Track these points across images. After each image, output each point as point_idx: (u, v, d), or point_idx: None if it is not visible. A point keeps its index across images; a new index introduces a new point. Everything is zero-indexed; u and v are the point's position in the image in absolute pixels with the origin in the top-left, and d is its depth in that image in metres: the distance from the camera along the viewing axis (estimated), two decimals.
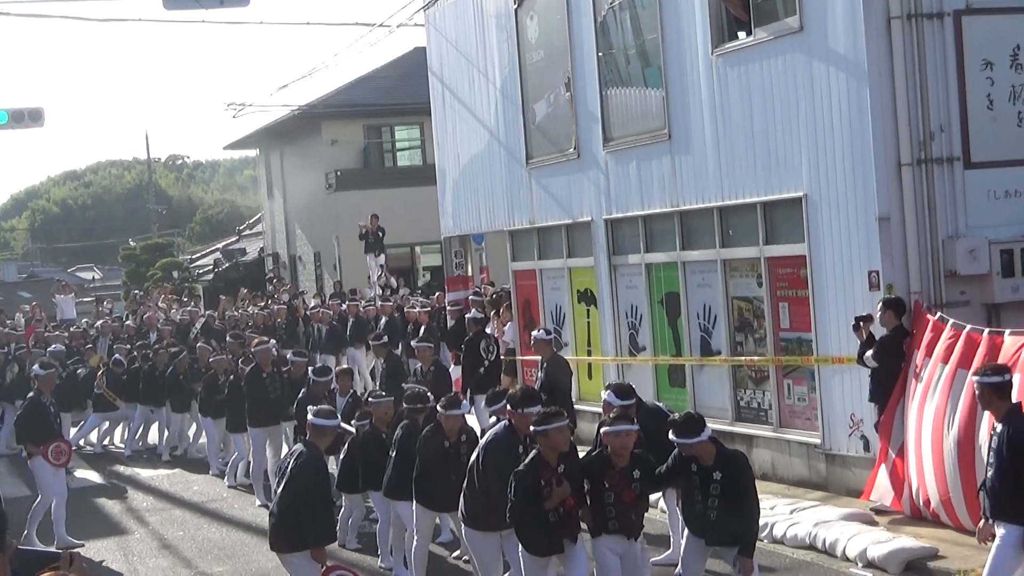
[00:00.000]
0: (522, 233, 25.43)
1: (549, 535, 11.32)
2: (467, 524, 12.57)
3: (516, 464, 11.78)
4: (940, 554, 13.86)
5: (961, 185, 16.47)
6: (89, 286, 74.88)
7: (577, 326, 23.78)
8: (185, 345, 29.90)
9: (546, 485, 11.19)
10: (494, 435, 12.29)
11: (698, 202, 19.67)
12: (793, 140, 17.54)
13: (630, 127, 21.31)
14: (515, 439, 12.12)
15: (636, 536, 11.70)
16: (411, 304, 30.82)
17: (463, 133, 27.33)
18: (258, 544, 17.35)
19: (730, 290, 19.40)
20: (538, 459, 11.28)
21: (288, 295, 39.69)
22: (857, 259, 16.67)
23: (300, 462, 12.21)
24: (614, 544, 11.57)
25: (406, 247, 45.66)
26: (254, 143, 55.87)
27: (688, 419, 11.49)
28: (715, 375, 19.98)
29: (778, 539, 15.50)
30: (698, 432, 11.26)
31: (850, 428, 16.93)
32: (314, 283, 48.63)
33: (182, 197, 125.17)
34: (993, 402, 11.02)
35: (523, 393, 12.39)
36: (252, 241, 62.55)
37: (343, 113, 46.79)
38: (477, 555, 12.72)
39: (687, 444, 11.27)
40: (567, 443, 11.38)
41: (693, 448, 11.28)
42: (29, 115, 30.29)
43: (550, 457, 11.26)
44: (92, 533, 19.19)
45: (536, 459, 11.30)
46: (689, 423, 11.38)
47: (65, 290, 45.11)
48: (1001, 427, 10.83)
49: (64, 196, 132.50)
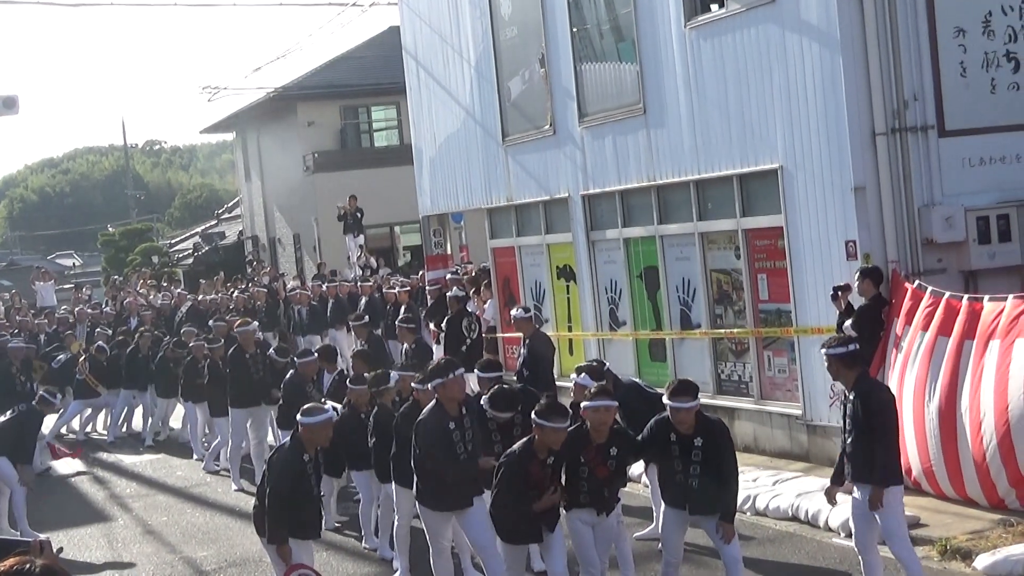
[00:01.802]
0: (500, 211, 25.41)
1: (529, 524, 11.31)
2: (417, 499, 12.59)
3: (449, 443, 11.86)
4: (921, 522, 13.90)
5: (936, 153, 16.49)
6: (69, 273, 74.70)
7: (557, 302, 23.78)
8: (169, 330, 29.86)
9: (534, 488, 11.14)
10: (422, 416, 12.32)
11: (674, 176, 19.66)
12: (768, 112, 17.54)
13: (605, 102, 21.28)
14: (444, 416, 12.16)
15: (608, 511, 11.73)
16: (391, 284, 30.79)
17: (439, 112, 27.27)
18: (242, 528, 17.35)
19: (708, 263, 19.41)
20: (529, 451, 11.17)
21: (268, 278, 39.64)
22: (834, 229, 16.69)
23: (273, 459, 12.29)
24: (586, 516, 11.60)
25: (385, 227, 45.63)
26: (230, 127, 55.72)
27: (686, 384, 11.52)
28: (695, 348, 20.00)
29: (761, 511, 15.53)
30: (694, 395, 11.32)
31: (831, 399, 16.95)
32: (294, 265, 48.57)
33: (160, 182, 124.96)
34: (842, 372, 11.39)
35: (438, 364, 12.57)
36: (231, 224, 62.45)
37: (319, 95, 46.69)
38: (428, 528, 12.68)
39: (682, 408, 11.27)
40: (559, 444, 11.31)
41: (686, 412, 11.30)
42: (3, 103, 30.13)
43: (541, 450, 11.16)
44: (76, 521, 19.16)
45: (527, 450, 11.19)
46: (687, 386, 11.43)
47: (45, 277, 44.98)
48: (853, 394, 11.22)
49: (42, 184, 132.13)
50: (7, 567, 3.79)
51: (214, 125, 56.04)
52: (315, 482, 12.31)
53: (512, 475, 11.15)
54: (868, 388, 11.33)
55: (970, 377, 14.38)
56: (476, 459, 12.26)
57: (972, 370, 14.37)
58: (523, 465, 11.13)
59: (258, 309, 32.68)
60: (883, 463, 11.01)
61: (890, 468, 11.11)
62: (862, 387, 11.27)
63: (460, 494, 12.25)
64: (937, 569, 12.67)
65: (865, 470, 11.09)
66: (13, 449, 18.05)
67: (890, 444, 11.17)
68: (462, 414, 12.33)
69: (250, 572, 15.36)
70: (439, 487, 12.20)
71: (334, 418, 12.84)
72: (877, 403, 11.14)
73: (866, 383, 11.44)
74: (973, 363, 14.38)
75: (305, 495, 12.17)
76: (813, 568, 13.44)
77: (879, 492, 10.97)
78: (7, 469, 17.92)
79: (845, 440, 11.40)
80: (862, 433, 11.09)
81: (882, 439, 11.05)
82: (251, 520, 13.36)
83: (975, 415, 14.22)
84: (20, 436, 18.20)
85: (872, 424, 11.04)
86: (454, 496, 12.28)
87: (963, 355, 14.54)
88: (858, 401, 11.13)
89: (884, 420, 11.14)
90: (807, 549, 14.08)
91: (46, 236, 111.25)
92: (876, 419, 11.06)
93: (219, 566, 15.95)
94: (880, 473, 10.99)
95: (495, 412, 12.90)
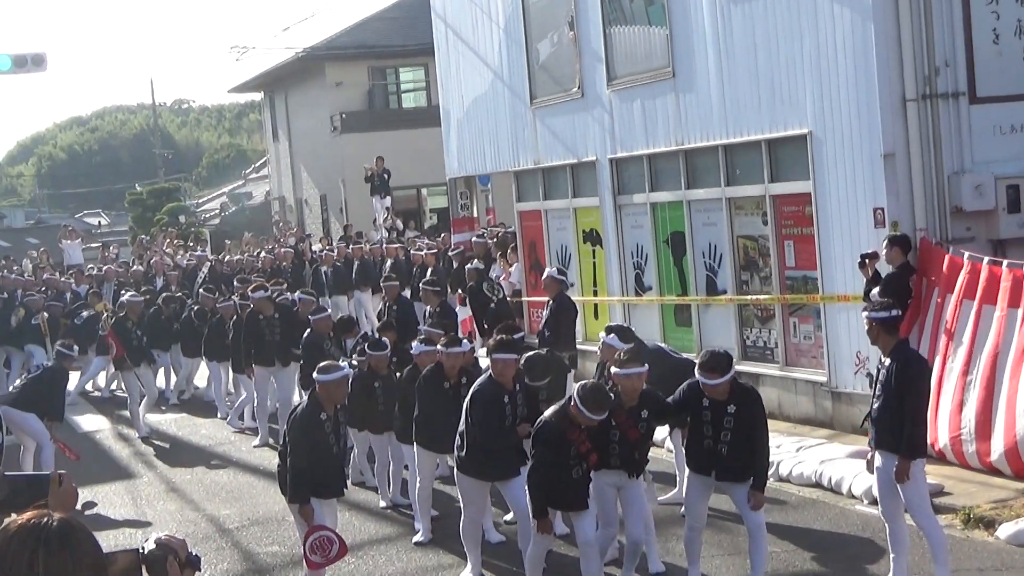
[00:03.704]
0: (527, 173, 25.34)
1: (571, 490, 11.27)
2: (459, 469, 12.59)
3: (501, 417, 11.90)
4: (945, 491, 13.86)
5: (967, 120, 16.37)
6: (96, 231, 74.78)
7: (583, 266, 23.73)
8: (190, 292, 29.89)
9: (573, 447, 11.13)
10: (479, 386, 12.32)
11: (703, 140, 19.57)
12: (797, 77, 17.43)
13: (634, 65, 21.18)
14: (499, 390, 12.17)
15: (637, 474, 11.71)
16: (417, 246, 30.76)
17: (467, 74, 27.19)
18: (265, 487, 17.41)
19: (735, 229, 19.33)
20: (565, 417, 11.12)
21: (294, 239, 39.62)
22: (862, 196, 16.60)
23: (292, 417, 12.35)
24: (614, 478, 11.62)
25: (412, 189, 45.56)
26: (259, 86, 55.67)
27: (719, 358, 11.38)
28: (721, 314, 19.95)
29: (784, 477, 15.52)
30: (723, 371, 11.22)
31: (856, 366, 16.91)
32: (320, 226, 48.57)
33: (188, 142, 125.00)
34: (881, 336, 11.29)
35: (498, 341, 12.51)
36: (258, 185, 62.49)
37: (347, 55, 46.60)
38: (464, 494, 12.72)
39: (709, 384, 11.22)
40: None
41: (713, 388, 11.25)
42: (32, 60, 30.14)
43: (579, 423, 11.11)
44: (100, 477, 19.23)
45: (563, 416, 11.15)
46: (720, 361, 11.30)
47: (72, 236, 45.03)
48: (889, 361, 11.13)
49: (70, 142, 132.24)
50: (23, 521, 3.77)
51: (242, 85, 55.99)
52: (335, 440, 12.33)
53: (549, 441, 11.14)
54: (907, 357, 11.26)
55: (1015, 346, 14.26)
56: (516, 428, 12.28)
57: (1018, 339, 14.25)
58: (562, 431, 11.12)
59: (284, 270, 32.68)
60: (910, 435, 10.95)
61: (917, 440, 11.07)
62: (900, 355, 11.19)
63: (505, 464, 12.31)
64: (960, 538, 12.65)
65: (891, 439, 11.03)
66: (47, 406, 18.16)
67: (919, 416, 11.12)
68: (515, 389, 12.36)
69: (273, 531, 15.40)
70: (486, 458, 12.22)
71: (350, 375, 12.88)
72: (913, 373, 11.07)
73: (905, 351, 11.38)
74: (1020, 333, 14.26)
75: (324, 453, 12.22)
76: (836, 534, 13.43)
77: (906, 464, 10.91)
78: (37, 425, 18.00)
79: (872, 405, 11.35)
80: (892, 400, 11.03)
81: (912, 410, 10.99)
82: (275, 479, 13.42)
83: (1014, 384, 14.10)
84: (51, 393, 18.31)
85: (904, 393, 10.97)
86: (499, 467, 12.34)
87: (1008, 324, 14.42)
88: (894, 367, 11.05)
89: (917, 391, 11.08)
90: (830, 516, 14.07)
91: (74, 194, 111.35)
92: (909, 389, 10.99)
93: (242, 524, 16.00)
94: (907, 445, 10.93)
95: (533, 381, 12.83)
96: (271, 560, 14.30)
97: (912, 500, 11.09)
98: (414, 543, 14.35)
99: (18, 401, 18.13)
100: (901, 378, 11.00)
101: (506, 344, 12.45)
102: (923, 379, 11.32)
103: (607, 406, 11.07)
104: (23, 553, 3.68)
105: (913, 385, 11.04)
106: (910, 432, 10.95)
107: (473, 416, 12.21)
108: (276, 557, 14.33)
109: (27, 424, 18.01)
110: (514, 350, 12.46)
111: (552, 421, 11.20)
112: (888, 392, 11.07)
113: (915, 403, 11.04)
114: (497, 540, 13.85)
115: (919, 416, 11.13)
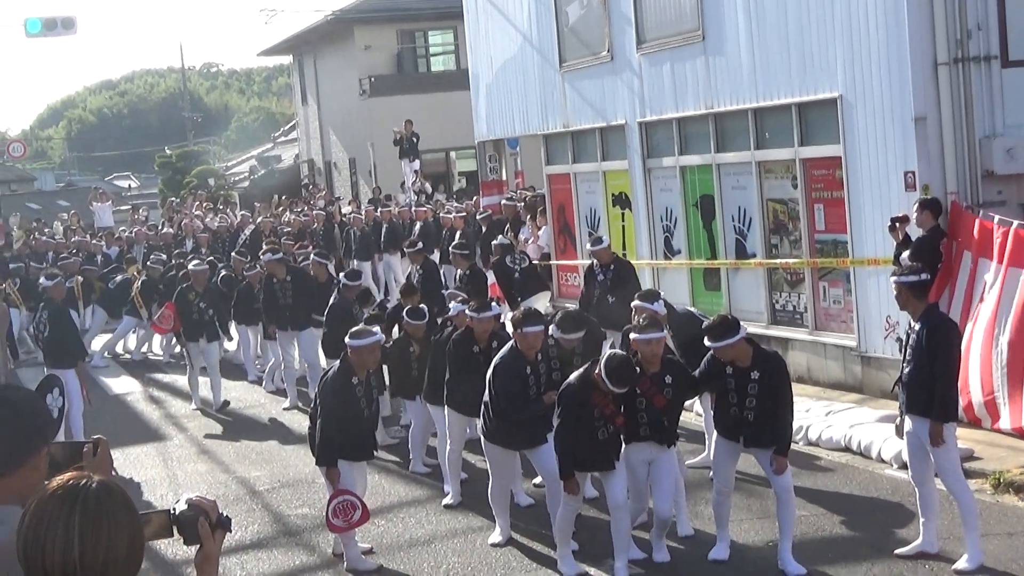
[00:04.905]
0: (556, 137, 25.30)
1: (598, 452, 11.31)
2: (486, 437, 12.63)
3: (524, 387, 11.92)
4: (975, 455, 13.85)
5: (999, 84, 16.27)
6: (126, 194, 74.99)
7: (612, 230, 23.69)
8: (223, 254, 29.95)
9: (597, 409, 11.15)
10: (500, 358, 12.34)
11: (732, 104, 19.51)
12: (828, 39, 17.34)
13: (664, 28, 21.10)
14: (521, 361, 12.19)
15: (670, 443, 11.71)
16: (446, 210, 30.75)
17: (496, 37, 27.12)
18: (295, 449, 17.48)
19: (765, 192, 19.28)
20: (589, 380, 11.13)
21: (324, 201, 39.67)
22: (893, 160, 16.53)
23: (323, 380, 12.47)
24: (645, 450, 11.62)
25: (441, 152, 45.54)
26: (287, 49, 55.68)
27: (721, 321, 11.46)
28: (750, 278, 19.91)
29: (813, 441, 15.52)
30: (734, 332, 11.22)
31: (886, 330, 16.88)
32: (349, 189, 48.61)
33: (218, 105, 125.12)
34: (911, 301, 11.25)
35: (525, 313, 12.48)
36: (287, 148, 62.53)
37: (376, 18, 46.55)
38: (491, 461, 12.78)
39: (723, 346, 11.23)
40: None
41: (730, 350, 11.25)
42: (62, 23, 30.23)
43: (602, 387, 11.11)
44: (131, 439, 19.33)
45: (587, 380, 11.17)
46: (723, 324, 11.36)
47: (102, 198, 45.23)
48: (919, 325, 11.10)
49: (100, 105, 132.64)
50: (63, 482, 3.81)
51: (271, 48, 56.01)
52: (366, 404, 12.40)
53: (574, 404, 11.16)
54: (936, 321, 11.23)
55: None
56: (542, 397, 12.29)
57: None
58: (585, 394, 11.13)
59: (314, 232, 32.73)
60: (942, 398, 10.93)
61: (950, 404, 11.04)
62: (930, 319, 11.16)
63: (532, 433, 12.35)
64: (990, 502, 12.64)
65: (923, 403, 11.02)
66: (70, 348, 18.43)
67: (951, 379, 11.09)
68: (537, 360, 12.37)
69: (303, 493, 15.48)
70: (512, 427, 12.26)
71: (382, 340, 12.92)
72: (943, 336, 11.05)
73: (935, 315, 11.35)
74: None
75: (355, 417, 12.31)
76: (865, 499, 13.42)
77: (939, 427, 10.90)
78: (73, 384, 18.05)
79: (903, 369, 11.33)
80: (923, 364, 11.01)
81: (944, 374, 10.97)
82: (305, 442, 13.47)
83: None
84: (64, 336, 18.45)
85: (935, 357, 10.95)
86: (525, 436, 12.39)
87: None
88: (924, 331, 11.02)
89: (947, 354, 11.05)
90: (859, 480, 14.06)
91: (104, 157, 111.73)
92: (939, 352, 10.96)
93: (272, 486, 16.09)
94: (940, 408, 10.92)
95: (563, 335, 12.79)
96: (301, 522, 14.38)
97: (943, 464, 11.08)
98: (443, 506, 14.40)
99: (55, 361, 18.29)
100: (931, 342, 10.97)
101: (533, 316, 12.44)
102: (953, 342, 11.28)
103: (630, 382, 11.08)
104: (60, 515, 3.71)
105: (944, 349, 11.01)
106: (942, 395, 10.93)
107: (496, 387, 12.24)
108: (306, 519, 14.40)
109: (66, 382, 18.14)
110: (541, 321, 12.45)
111: (575, 384, 11.25)
112: (919, 356, 11.04)
113: (946, 367, 11.01)
114: (526, 503, 13.89)
115: (951, 379, 11.09)
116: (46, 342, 18.57)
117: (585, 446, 11.19)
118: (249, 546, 13.69)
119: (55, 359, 18.27)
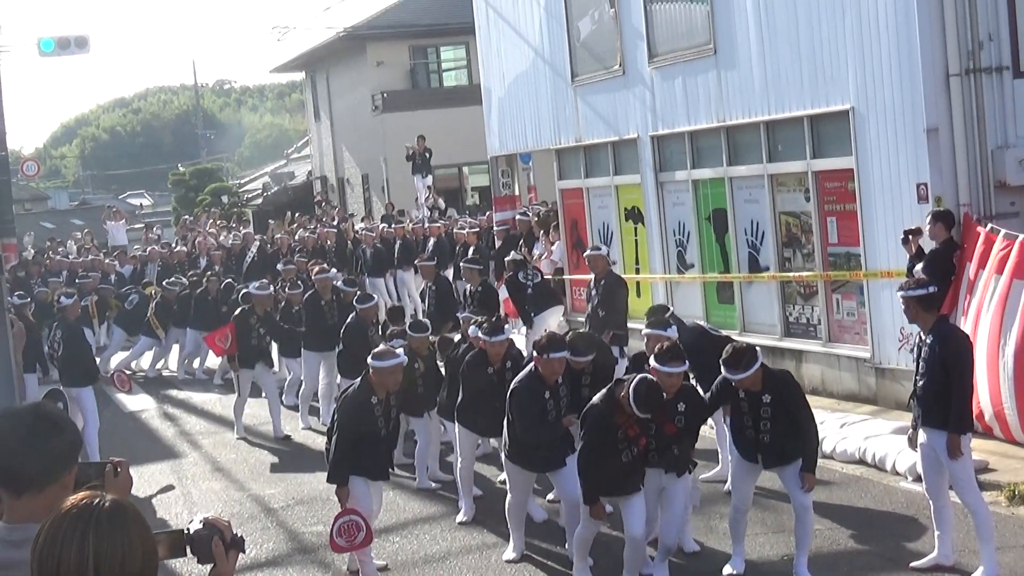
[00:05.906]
0: (568, 151, 25.33)
1: (622, 474, 11.21)
2: (507, 456, 12.63)
3: (542, 411, 11.89)
4: (990, 467, 13.82)
5: (1011, 94, 16.26)
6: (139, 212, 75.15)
7: (625, 244, 23.71)
8: (238, 273, 30.00)
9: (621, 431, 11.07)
10: (519, 381, 12.31)
11: (744, 117, 19.52)
12: (840, 52, 17.35)
13: (675, 42, 21.13)
14: (541, 385, 12.16)
15: (680, 472, 11.60)
16: (459, 225, 30.75)
17: (508, 52, 27.17)
18: (311, 467, 17.45)
19: (777, 205, 19.28)
20: (614, 404, 11.04)
21: (337, 218, 39.68)
22: (905, 172, 16.53)
23: (343, 398, 12.52)
24: (656, 479, 11.53)
25: (453, 168, 45.53)
26: (300, 66, 55.81)
27: (742, 352, 11.28)
28: (763, 291, 19.90)
29: (828, 454, 15.47)
30: (750, 365, 11.15)
31: (899, 342, 16.85)
32: (362, 205, 48.63)
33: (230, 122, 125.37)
34: (920, 314, 11.21)
35: (549, 339, 12.41)
36: (300, 164, 62.60)
37: (388, 34, 46.63)
38: (511, 479, 12.80)
39: (740, 378, 11.20)
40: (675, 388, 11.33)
41: (745, 380, 11.23)
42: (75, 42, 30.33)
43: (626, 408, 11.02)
44: (146, 457, 19.34)
45: (611, 402, 11.07)
46: (744, 354, 11.22)
47: (116, 216, 45.27)
48: (931, 338, 11.07)
49: (113, 123, 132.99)
50: (76, 501, 3.82)
51: (284, 64, 56.13)
52: (383, 424, 12.41)
53: (599, 426, 11.11)
54: (947, 332, 11.22)
55: None
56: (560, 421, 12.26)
57: None
58: (607, 415, 11.10)
59: (328, 249, 32.73)
60: (958, 410, 10.89)
61: (965, 415, 11.01)
62: (940, 331, 11.14)
63: (552, 455, 12.35)
64: (1005, 515, 12.60)
65: (938, 415, 10.98)
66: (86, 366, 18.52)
67: (965, 391, 11.05)
68: (557, 384, 12.33)
69: (317, 510, 15.47)
70: (531, 450, 12.27)
71: (404, 362, 12.91)
72: (955, 348, 11.02)
73: (945, 327, 11.34)
74: None
75: (371, 437, 12.32)
76: (880, 512, 13.40)
77: (956, 439, 10.86)
78: (88, 401, 18.13)
79: (916, 383, 11.30)
80: (936, 377, 10.98)
81: (958, 385, 10.94)
82: (320, 459, 13.49)
83: None
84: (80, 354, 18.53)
85: (948, 369, 10.92)
86: (545, 458, 12.38)
87: None
88: (936, 344, 11.00)
89: (961, 365, 11.01)
90: (874, 493, 14.04)
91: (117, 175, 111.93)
92: (953, 364, 10.93)
93: (287, 504, 16.08)
94: (955, 420, 10.88)
95: (576, 357, 12.75)
96: (315, 540, 14.36)
97: (958, 477, 11.05)
98: (458, 523, 14.40)
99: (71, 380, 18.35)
100: (944, 354, 10.94)
101: (557, 342, 12.33)
102: (966, 354, 11.24)
103: (656, 409, 10.99)
104: (74, 534, 3.72)
105: (957, 360, 10.98)
106: (958, 407, 10.90)
107: (514, 411, 12.23)
108: (321, 537, 14.37)
109: (82, 400, 18.20)
110: (565, 347, 12.37)
111: (599, 405, 11.16)
112: (932, 369, 11.01)
113: (960, 378, 10.98)
114: (541, 517, 13.89)
115: (965, 391, 11.06)
116: (61, 360, 18.66)
117: (608, 469, 11.10)
118: (264, 564, 13.70)
119: (71, 377, 18.35)
